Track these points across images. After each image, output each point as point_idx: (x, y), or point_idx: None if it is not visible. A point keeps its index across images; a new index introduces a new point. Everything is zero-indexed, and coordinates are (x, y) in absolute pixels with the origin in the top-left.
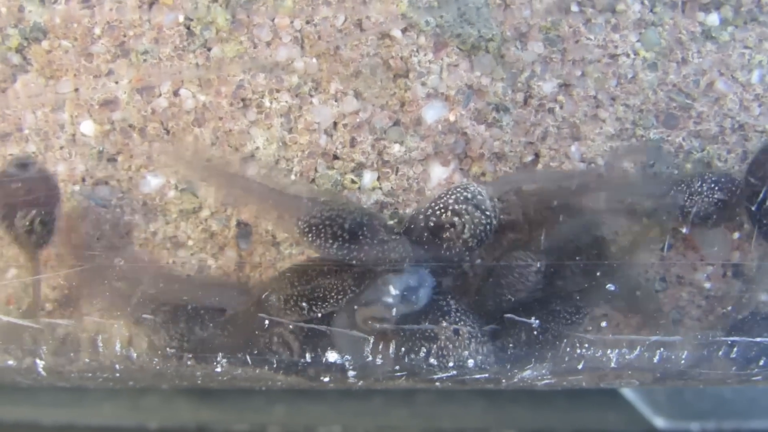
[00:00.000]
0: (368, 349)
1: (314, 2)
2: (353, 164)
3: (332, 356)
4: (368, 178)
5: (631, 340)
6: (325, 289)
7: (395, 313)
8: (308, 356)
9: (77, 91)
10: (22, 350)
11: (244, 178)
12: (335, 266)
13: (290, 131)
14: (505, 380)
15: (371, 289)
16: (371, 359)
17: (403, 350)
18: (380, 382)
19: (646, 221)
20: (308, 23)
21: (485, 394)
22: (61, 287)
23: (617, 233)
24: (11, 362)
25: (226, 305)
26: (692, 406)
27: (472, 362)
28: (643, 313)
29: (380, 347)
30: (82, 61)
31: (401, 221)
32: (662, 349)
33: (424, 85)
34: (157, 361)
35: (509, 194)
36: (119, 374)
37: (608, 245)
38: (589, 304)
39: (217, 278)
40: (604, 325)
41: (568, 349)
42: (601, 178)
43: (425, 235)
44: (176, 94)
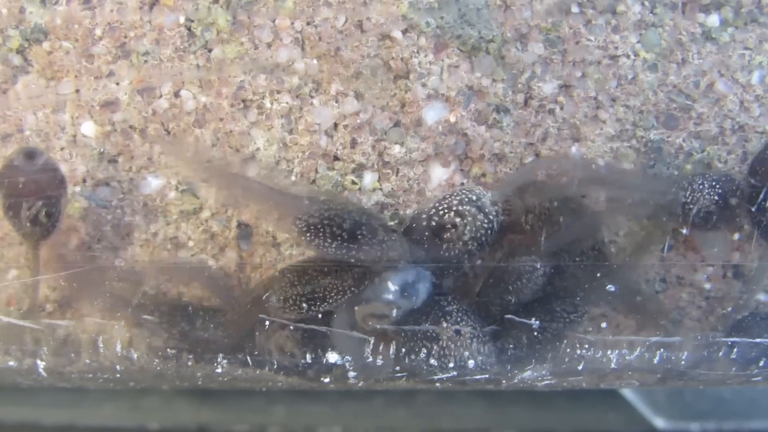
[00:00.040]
0: (368, 349)
1: (315, 3)
2: (354, 165)
3: (332, 357)
4: (369, 179)
5: (631, 340)
6: (324, 288)
7: (395, 309)
8: (308, 357)
9: (78, 92)
10: (22, 351)
11: (244, 178)
12: (335, 266)
13: (291, 132)
14: (505, 381)
15: (370, 287)
16: (371, 360)
17: (403, 351)
18: (380, 382)
19: (646, 222)
20: (309, 24)
21: (485, 394)
22: (62, 288)
23: (617, 234)
24: (12, 363)
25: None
26: (692, 406)
27: (473, 363)
28: (643, 314)
29: (380, 348)
30: (83, 62)
31: (402, 222)
32: (662, 349)
33: (424, 86)
34: (155, 361)
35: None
36: (120, 375)
37: (608, 246)
38: (588, 304)
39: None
40: (604, 326)
41: (568, 349)
42: (602, 174)
43: (426, 234)
44: (177, 95)
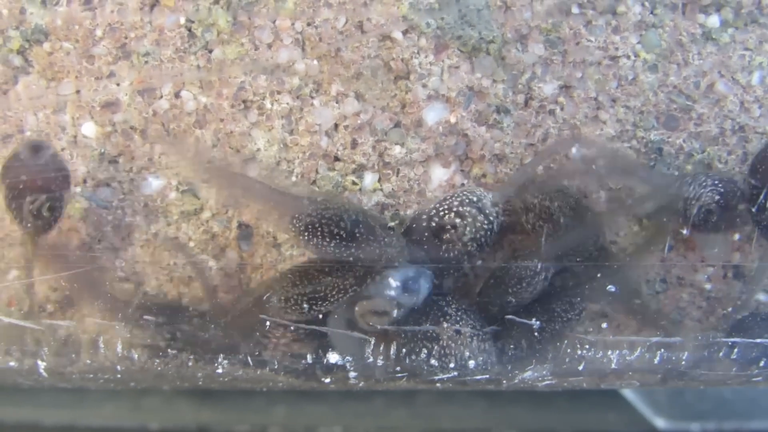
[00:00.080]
0: (369, 349)
1: (315, 4)
2: (354, 166)
3: (333, 357)
4: (369, 179)
5: (631, 341)
6: (325, 288)
7: (396, 307)
8: (309, 358)
9: (78, 92)
10: (23, 351)
11: (245, 178)
12: (335, 266)
13: (291, 133)
14: (506, 381)
15: (371, 285)
16: (372, 360)
17: (404, 351)
18: (381, 383)
19: (646, 223)
20: (309, 25)
21: (486, 394)
22: (63, 288)
23: (617, 234)
24: (13, 363)
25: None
26: (693, 406)
27: (473, 363)
28: (642, 315)
29: (381, 348)
30: (83, 62)
31: (402, 222)
32: (663, 350)
33: (425, 86)
34: (154, 362)
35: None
36: (120, 375)
37: (609, 248)
38: (588, 303)
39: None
40: (604, 326)
41: (568, 350)
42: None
43: (426, 235)
44: (177, 95)
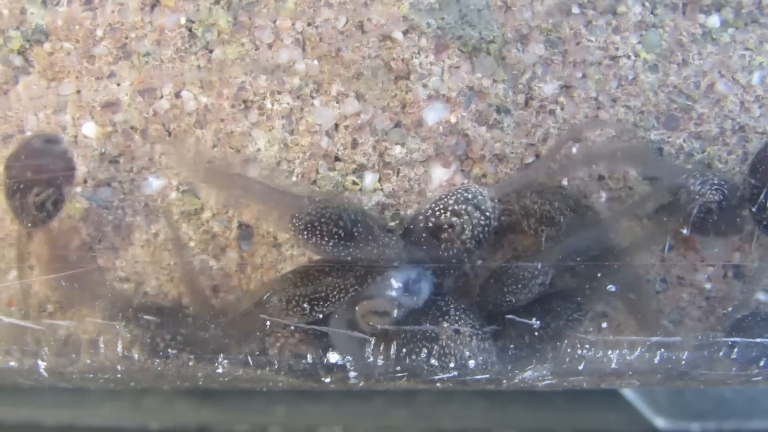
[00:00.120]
0: (369, 349)
1: (316, 4)
2: (354, 166)
3: (333, 357)
4: (369, 179)
5: (631, 341)
6: (326, 288)
7: (397, 306)
8: (310, 358)
9: (79, 92)
10: (23, 351)
11: (244, 178)
12: (335, 266)
13: (292, 133)
14: (506, 381)
15: (372, 285)
16: (372, 360)
17: (404, 351)
18: (381, 382)
19: (647, 222)
20: (310, 25)
21: (486, 394)
22: (62, 288)
23: (617, 233)
24: (13, 363)
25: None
26: (693, 406)
27: (473, 362)
28: (643, 314)
29: (381, 348)
30: (84, 63)
31: (403, 222)
32: (663, 349)
33: (425, 86)
34: (153, 361)
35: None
36: (120, 375)
37: (613, 247)
38: (590, 303)
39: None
40: (604, 326)
41: (569, 349)
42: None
43: (425, 235)
44: (178, 95)
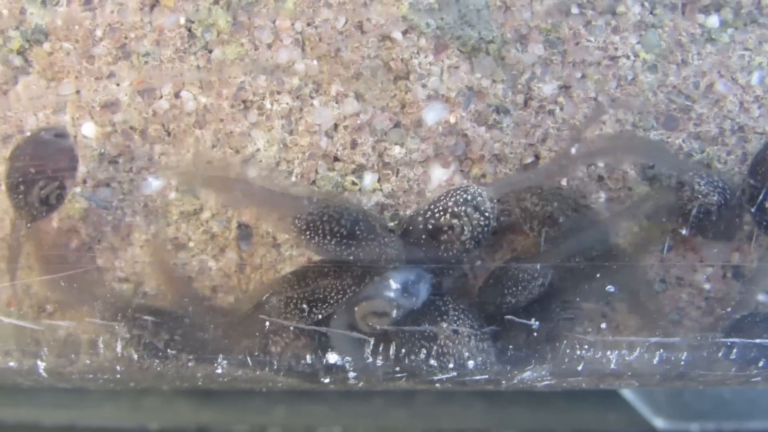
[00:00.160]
0: (368, 350)
1: (315, 4)
2: (354, 166)
3: (333, 358)
4: (369, 179)
5: (630, 341)
6: (324, 289)
7: (395, 307)
8: (309, 358)
9: (78, 93)
10: (23, 351)
11: (243, 183)
12: (335, 267)
13: (291, 133)
14: (505, 381)
15: (370, 285)
16: (371, 360)
17: (403, 351)
18: (381, 383)
19: (647, 224)
20: (309, 25)
21: (485, 394)
22: (62, 288)
23: (617, 234)
24: (12, 364)
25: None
26: (692, 406)
27: (471, 363)
28: (644, 313)
29: (380, 348)
30: (83, 63)
31: (401, 223)
32: (662, 350)
33: (424, 87)
34: (152, 362)
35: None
36: (120, 375)
37: (614, 248)
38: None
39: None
40: (603, 326)
41: (567, 350)
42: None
43: (424, 237)
44: (177, 96)
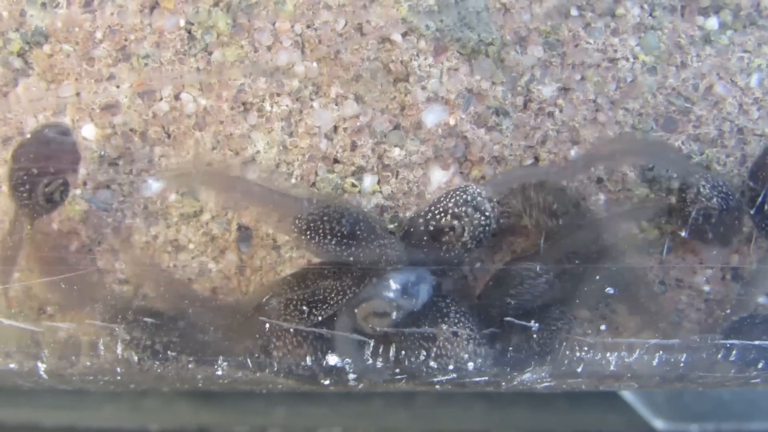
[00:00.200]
0: (368, 351)
1: (315, 6)
2: (354, 168)
3: (333, 359)
4: (368, 181)
5: (630, 343)
6: (324, 290)
7: (396, 308)
8: (309, 359)
9: (78, 95)
10: (23, 353)
11: (244, 182)
12: (335, 268)
13: (291, 135)
14: (504, 383)
15: (371, 286)
16: (371, 362)
17: (402, 353)
18: (380, 384)
19: (645, 225)
20: (309, 27)
21: (485, 396)
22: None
23: (616, 235)
24: (13, 365)
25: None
26: (691, 408)
27: (471, 365)
28: (645, 314)
29: (380, 350)
30: (83, 65)
31: (401, 225)
32: (661, 351)
33: (424, 89)
34: (152, 364)
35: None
36: (120, 377)
37: (611, 249)
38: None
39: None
40: (603, 328)
41: (567, 352)
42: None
43: (425, 238)
44: (177, 98)
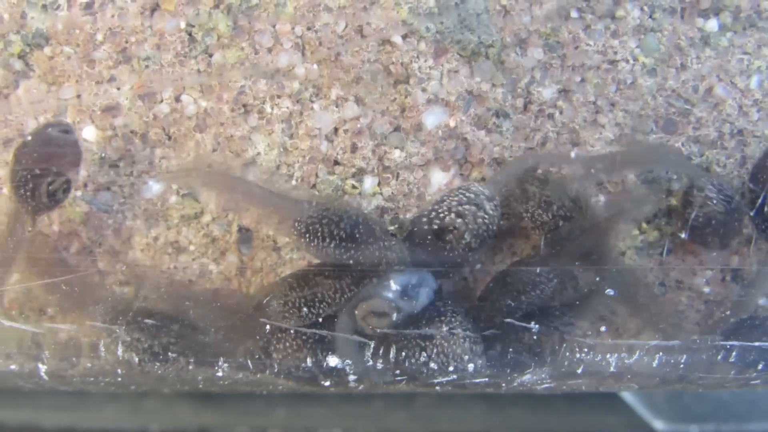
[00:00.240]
0: (368, 352)
1: (315, 9)
2: (354, 169)
3: (333, 361)
4: (369, 183)
5: (630, 344)
6: (324, 289)
7: (395, 309)
8: (309, 361)
9: (79, 97)
10: (24, 354)
11: (245, 183)
12: (335, 269)
13: (291, 137)
14: (504, 384)
15: (371, 285)
16: (371, 363)
17: (402, 354)
18: (378, 386)
19: (645, 227)
20: (309, 29)
21: (485, 396)
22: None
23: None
24: (14, 367)
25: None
26: (691, 408)
27: (471, 366)
28: (645, 314)
29: (381, 351)
30: (84, 67)
31: (402, 226)
32: (661, 353)
33: (424, 90)
34: (152, 365)
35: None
36: (120, 378)
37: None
38: (589, 308)
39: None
40: (603, 329)
41: (567, 353)
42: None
43: (429, 238)
44: (178, 100)
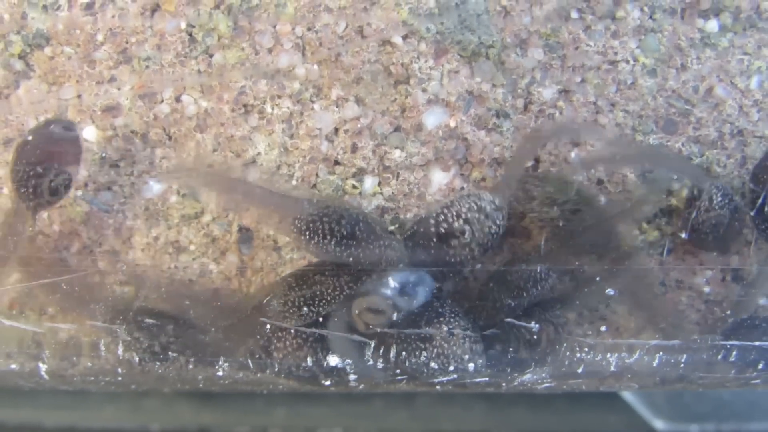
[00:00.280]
0: (368, 351)
1: (316, 9)
2: (354, 170)
3: (333, 360)
4: (369, 183)
5: (630, 344)
6: (323, 287)
7: (392, 306)
8: (309, 360)
9: (80, 97)
10: (25, 354)
11: (244, 183)
12: (334, 268)
13: (292, 137)
14: (505, 384)
15: (369, 282)
16: (371, 362)
17: (402, 353)
18: (378, 385)
19: (645, 226)
20: (310, 30)
21: (485, 396)
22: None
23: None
24: (14, 366)
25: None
26: (692, 408)
27: (471, 365)
28: (647, 312)
29: (380, 351)
30: (84, 67)
31: (402, 226)
32: (661, 352)
33: (424, 91)
34: (153, 364)
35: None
36: (121, 378)
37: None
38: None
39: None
40: (603, 329)
41: (567, 353)
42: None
43: (434, 240)
44: (178, 100)
